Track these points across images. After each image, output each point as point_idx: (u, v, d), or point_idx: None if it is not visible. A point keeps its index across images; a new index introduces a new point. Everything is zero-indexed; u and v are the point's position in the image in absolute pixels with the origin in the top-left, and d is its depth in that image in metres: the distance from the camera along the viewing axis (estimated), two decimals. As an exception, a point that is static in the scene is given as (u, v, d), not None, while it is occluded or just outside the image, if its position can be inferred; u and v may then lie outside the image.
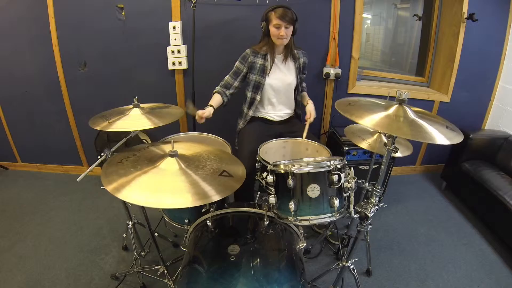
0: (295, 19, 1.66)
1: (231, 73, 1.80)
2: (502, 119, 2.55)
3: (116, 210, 2.19)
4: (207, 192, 0.90)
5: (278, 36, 1.65)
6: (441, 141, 0.92)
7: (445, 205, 2.40)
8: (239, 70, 1.79)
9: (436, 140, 0.92)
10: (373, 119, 1.00)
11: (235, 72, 1.80)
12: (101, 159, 1.21)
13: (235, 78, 1.79)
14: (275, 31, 1.65)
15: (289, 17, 1.61)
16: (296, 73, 1.83)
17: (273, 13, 1.62)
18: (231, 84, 1.79)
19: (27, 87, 2.45)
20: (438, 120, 1.05)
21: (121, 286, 1.57)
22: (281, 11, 1.60)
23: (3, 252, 1.80)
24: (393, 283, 1.65)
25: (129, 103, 1.36)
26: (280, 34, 1.64)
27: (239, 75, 1.78)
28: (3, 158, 2.79)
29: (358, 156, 2.08)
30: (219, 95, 1.76)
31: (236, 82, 1.79)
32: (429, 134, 0.95)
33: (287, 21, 1.61)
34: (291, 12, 1.63)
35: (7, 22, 2.26)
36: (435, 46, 2.60)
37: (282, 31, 1.64)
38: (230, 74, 1.81)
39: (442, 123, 1.04)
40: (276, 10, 1.61)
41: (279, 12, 1.60)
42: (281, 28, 1.63)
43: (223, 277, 0.94)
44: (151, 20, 2.20)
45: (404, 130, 0.95)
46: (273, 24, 1.64)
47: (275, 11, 1.61)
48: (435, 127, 0.97)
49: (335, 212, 1.06)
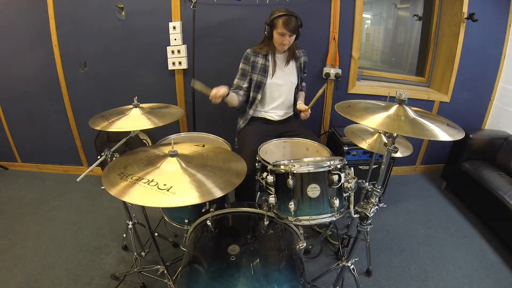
0: (300, 26, 1.65)
1: (239, 75, 1.80)
2: (502, 119, 2.55)
3: (116, 210, 2.19)
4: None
5: (281, 43, 1.67)
6: (443, 137, 0.92)
7: (445, 205, 2.40)
8: (245, 71, 1.78)
9: (438, 137, 0.92)
10: (374, 119, 1.00)
11: (242, 73, 1.79)
12: (101, 159, 1.21)
13: (244, 79, 1.79)
14: (278, 38, 1.66)
15: (294, 26, 1.60)
16: (297, 73, 1.84)
17: (280, 21, 1.60)
18: (241, 86, 1.78)
19: (27, 87, 2.45)
20: (438, 119, 1.05)
21: (121, 286, 1.57)
22: (288, 20, 1.58)
23: (3, 252, 1.80)
24: (393, 283, 1.65)
25: (129, 103, 1.36)
26: (283, 41, 1.65)
27: (247, 76, 1.78)
28: (3, 158, 2.79)
29: (358, 156, 2.08)
30: (233, 93, 1.73)
31: (245, 83, 1.78)
32: (430, 131, 0.94)
33: (291, 31, 1.61)
34: (296, 20, 1.62)
35: (7, 22, 2.26)
36: (435, 46, 2.60)
37: (286, 39, 1.64)
38: (238, 77, 1.80)
39: (442, 121, 1.04)
40: (282, 18, 1.59)
41: (286, 21, 1.58)
42: (285, 36, 1.63)
43: (223, 277, 0.94)
44: (151, 20, 2.20)
45: (405, 128, 0.95)
46: (277, 32, 1.64)
47: (282, 19, 1.59)
48: (436, 125, 0.97)
49: (335, 212, 1.06)
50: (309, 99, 2.01)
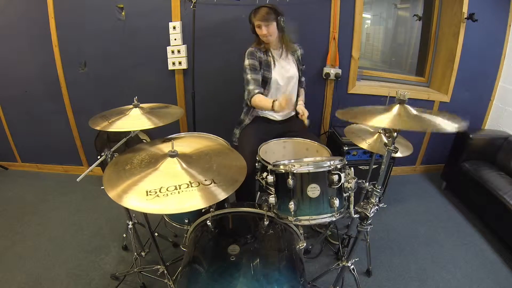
0: (277, 14, 1.66)
1: (250, 72, 1.71)
2: (502, 119, 2.55)
3: (116, 210, 2.18)
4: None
5: (262, 35, 1.69)
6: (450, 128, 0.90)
7: (445, 205, 2.40)
8: (255, 65, 1.72)
9: (445, 129, 0.90)
10: (376, 119, 0.98)
11: (252, 68, 1.71)
12: (101, 159, 1.21)
13: (258, 73, 1.72)
14: (258, 31, 1.69)
15: (265, 15, 1.63)
16: (297, 65, 1.84)
17: (253, 15, 1.67)
18: (259, 79, 1.72)
19: (27, 87, 2.45)
20: (439, 114, 1.05)
21: (121, 286, 1.57)
22: (258, 11, 1.65)
23: (3, 252, 1.80)
24: (393, 283, 1.65)
25: (129, 103, 1.36)
26: (262, 33, 1.67)
27: (258, 69, 1.73)
28: (3, 158, 2.79)
29: (358, 156, 2.08)
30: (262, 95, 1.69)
31: (260, 76, 1.73)
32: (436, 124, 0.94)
33: (265, 20, 1.63)
34: (267, 9, 1.64)
35: (7, 22, 2.26)
36: (435, 46, 2.59)
37: (263, 30, 1.66)
38: (250, 74, 1.70)
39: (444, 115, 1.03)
40: (255, 11, 1.66)
41: (257, 12, 1.65)
42: (261, 27, 1.66)
43: (223, 277, 0.94)
44: (151, 20, 2.20)
45: (410, 123, 0.95)
46: (255, 25, 1.68)
47: (254, 12, 1.66)
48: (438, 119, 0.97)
49: (335, 212, 1.06)
50: (309, 99, 2.02)
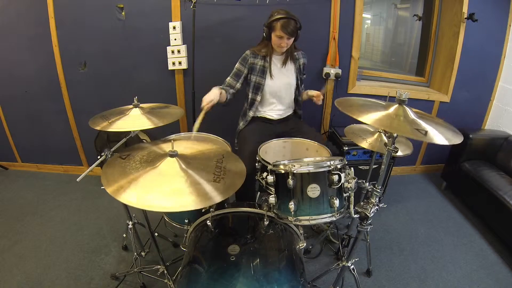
0: (299, 29, 1.64)
1: (232, 74, 1.79)
2: (502, 119, 2.55)
3: (116, 210, 2.18)
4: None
5: (279, 45, 1.66)
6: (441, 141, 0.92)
7: (445, 205, 2.40)
8: (240, 72, 1.78)
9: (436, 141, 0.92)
10: (373, 117, 0.99)
11: (236, 73, 1.78)
12: (101, 159, 1.21)
13: (237, 80, 1.78)
14: (276, 41, 1.65)
15: (292, 29, 1.59)
16: (296, 74, 1.83)
17: (278, 24, 1.59)
18: (233, 85, 1.77)
19: (27, 87, 2.45)
20: (437, 121, 1.05)
21: (121, 286, 1.57)
22: (286, 23, 1.57)
23: (3, 252, 1.80)
24: (393, 283, 1.65)
25: (129, 103, 1.36)
26: (281, 44, 1.65)
27: (240, 77, 1.78)
28: (3, 158, 2.79)
29: (358, 156, 2.08)
30: (223, 91, 1.71)
31: (238, 83, 1.78)
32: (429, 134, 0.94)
33: (290, 34, 1.60)
34: (295, 23, 1.60)
35: (7, 22, 2.25)
36: (435, 46, 2.59)
37: (284, 42, 1.64)
38: (231, 76, 1.79)
39: (441, 123, 1.04)
40: (281, 21, 1.58)
41: (284, 24, 1.57)
42: (283, 39, 1.63)
43: (223, 277, 0.94)
44: (151, 20, 2.20)
45: (404, 128, 0.95)
46: (276, 34, 1.63)
47: (280, 22, 1.58)
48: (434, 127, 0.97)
49: (335, 212, 1.06)
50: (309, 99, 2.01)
